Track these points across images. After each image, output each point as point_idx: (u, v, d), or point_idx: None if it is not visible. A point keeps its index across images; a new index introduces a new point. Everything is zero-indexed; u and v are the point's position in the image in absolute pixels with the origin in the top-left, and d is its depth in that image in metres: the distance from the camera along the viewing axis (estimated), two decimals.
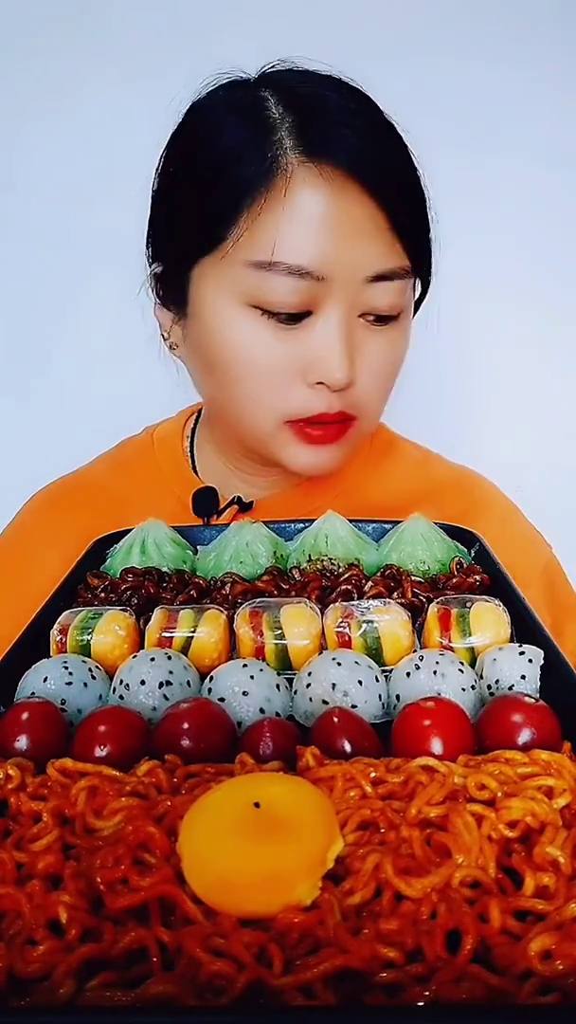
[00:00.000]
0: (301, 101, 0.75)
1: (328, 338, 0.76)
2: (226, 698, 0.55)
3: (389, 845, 0.41)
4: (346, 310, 0.76)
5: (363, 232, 0.73)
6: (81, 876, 0.40)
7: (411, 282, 0.78)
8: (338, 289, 0.74)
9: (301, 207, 0.72)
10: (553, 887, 0.39)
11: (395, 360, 0.82)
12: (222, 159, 0.76)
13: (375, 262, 0.74)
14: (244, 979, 0.34)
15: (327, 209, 0.72)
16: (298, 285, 0.73)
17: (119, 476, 1.02)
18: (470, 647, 0.61)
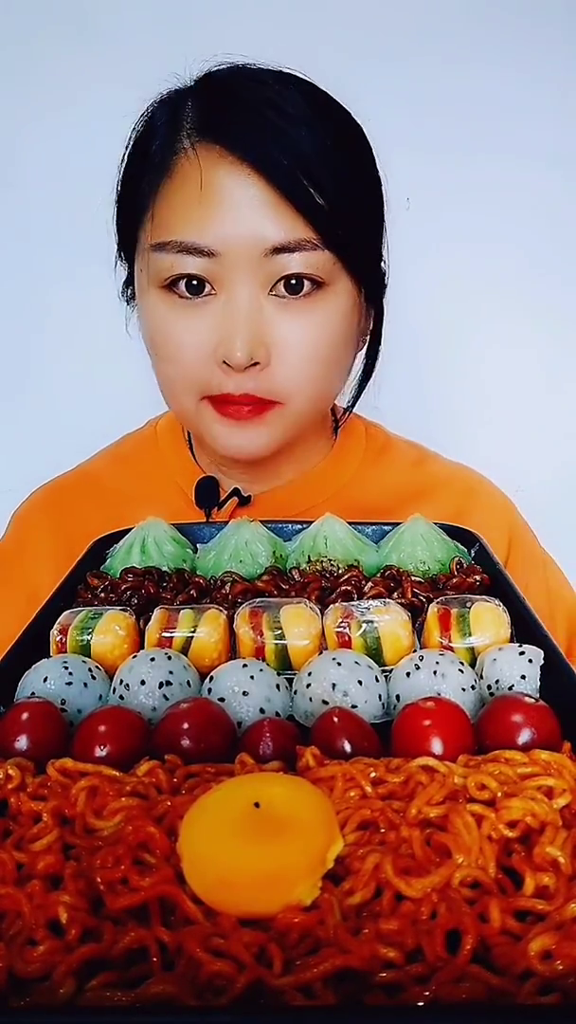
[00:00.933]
0: (210, 89, 0.79)
1: (228, 315, 0.76)
2: (226, 698, 0.55)
3: (389, 845, 0.41)
4: (250, 285, 0.76)
5: (254, 207, 0.74)
6: (81, 876, 0.40)
7: (327, 255, 0.76)
8: (236, 264, 0.75)
9: (191, 186, 0.75)
10: (553, 887, 0.39)
11: (319, 337, 0.79)
12: (141, 148, 0.80)
13: (272, 234, 0.74)
14: (244, 979, 0.34)
15: (215, 186, 0.74)
16: (192, 261, 0.76)
17: (122, 471, 1.02)
18: (470, 647, 0.61)
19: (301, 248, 0.75)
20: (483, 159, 1.45)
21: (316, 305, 0.78)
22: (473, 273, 1.49)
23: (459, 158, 1.44)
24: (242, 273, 0.76)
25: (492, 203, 1.47)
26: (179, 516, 0.86)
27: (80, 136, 1.42)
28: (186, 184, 0.76)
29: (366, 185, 0.82)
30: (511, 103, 1.46)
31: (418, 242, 1.13)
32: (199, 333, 0.78)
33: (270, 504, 0.94)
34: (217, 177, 0.74)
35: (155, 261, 0.78)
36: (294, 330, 0.78)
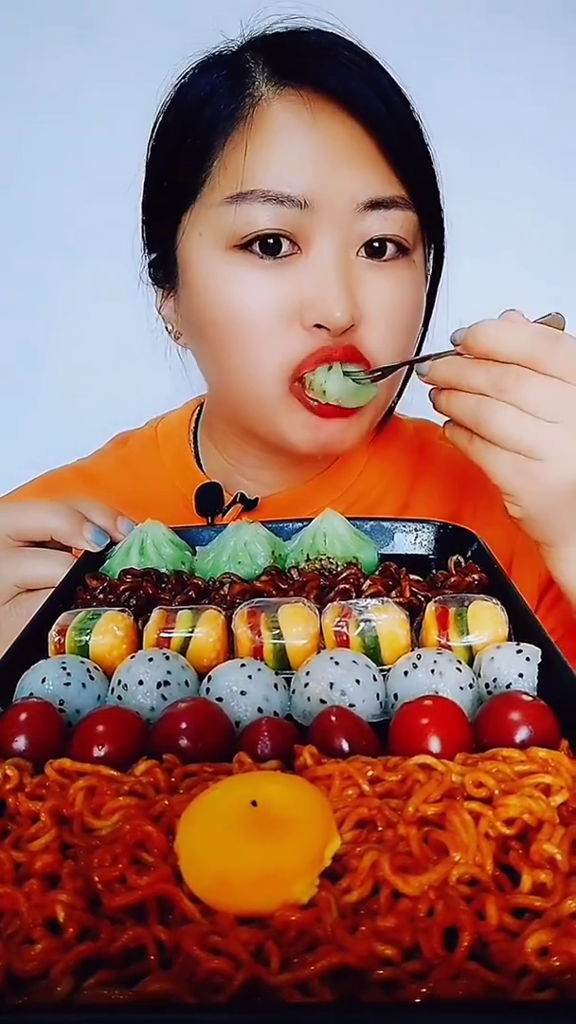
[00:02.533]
0: (275, 41, 0.73)
1: (322, 273, 0.70)
2: (224, 698, 0.55)
3: (386, 843, 0.41)
4: (340, 243, 0.70)
5: (350, 156, 0.68)
6: (79, 875, 0.40)
7: (413, 217, 0.71)
8: (327, 218, 0.69)
9: (277, 133, 0.68)
10: (550, 884, 0.39)
11: (405, 305, 0.74)
12: (195, 106, 0.73)
13: (366, 188, 0.69)
14: (241, 977, 0.34)
15: (307, 132, 0.68)
16: (278, 212, 0.68)
17: (121, 471, 0.99)
18: (468, 646, 0.61)
19: (393, 205, 0.70)
20: (483, 157, 1.46)
21: (400, 271, 0.73)
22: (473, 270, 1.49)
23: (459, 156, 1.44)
24: (330, 228, 0.69)
25: (492, 202, 1.48)
26: (179, 519, 0.85)
27: (84, 133, 1.42)
28: (270, 132, 0.68)
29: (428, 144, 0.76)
30: (512, 103, 1.46)
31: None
32: (283, 295, 0.71)
33: (277, 507, 0.91)
34: (309, 122, 0.67)
35: (229, 216, 0.69)
36: (382, 293, 0.72)
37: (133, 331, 0.90)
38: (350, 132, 0.68)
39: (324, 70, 0.68)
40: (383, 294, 0.72)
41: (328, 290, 0.69)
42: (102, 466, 1.02)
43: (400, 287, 0.73)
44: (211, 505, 0.88)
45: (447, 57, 1.43)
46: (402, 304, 0.74)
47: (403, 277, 0.74)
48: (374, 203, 0.69)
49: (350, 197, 0.68)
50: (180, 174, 0.74)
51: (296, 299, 0.71)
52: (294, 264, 0.71)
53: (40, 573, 0.71)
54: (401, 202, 0.70)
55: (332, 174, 0.68)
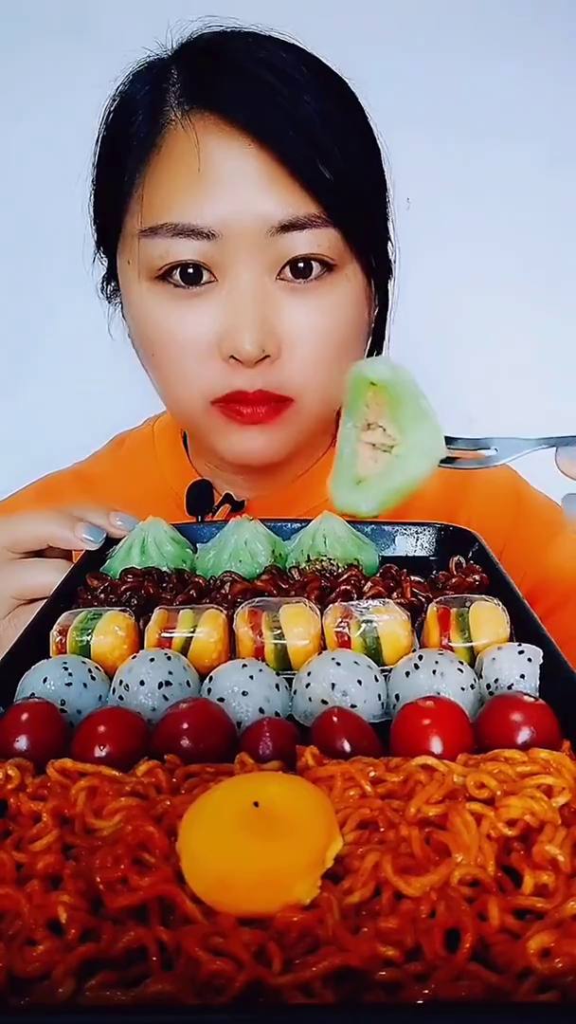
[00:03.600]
0: (192, 53, 0.71)
1: (234, 304, 0.69)
2: (225, 698, 0.55)
3: (388, 844, 0.41)
4: (255, 270, 0.69)
5: (255, 181, 0.66)
6: (80, 876, 0.40)
7: (334, 233, 0.69)
8: (240, 246, 0.67)
9: (183, 162, 0.67)
10: (552, 885, 0.39)
11: (332, 325, 0.72)
12: (119, 125, 0.72)
13: (277, 210, 0.67)
14: (243, 978, 0.34)
15: (212, 160, 0.66)
16: (190, 246, 0.67)
17: (118, 472, 1.00)
18: (469, 646, 0.61)
19: (309, 225, 0.68)
20: (482, 156, 1.45)
21: (326, 290, 0.71)
22: (472, 270, 1.49)
23: (458, 155, 1.44)
24: (245, 256, 0.68)
25: (491, 200, 1.48)
26: (174, 518, 0.83)
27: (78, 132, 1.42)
28: (177, 160, 0.67)
29: (368, 156, 0.75)
30: (509, 97, 1.46)
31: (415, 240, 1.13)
32: (200, 327, 0.71)
33: (263, 511, 0.91)
34: (212, 149, 0.67)
35: (146, 249, 0.70)
36: (305, 318, 0.71)
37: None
38: (255, 158, 0.66)
39: (230, 95, 0.67)
40: (305, 318, 0.71)
41: (239, 321, 0.68)
42: (99, 468, 1.02)
43: (324, 308, 0.72)
44: (201, 504, 0.87)
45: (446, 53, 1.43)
46: (328, 326, 0.72)
47: (329, 296, 0.72)
48: (286, 225, 0.67)
49: (262, 222, 0.67)
50: (108, 200, 0.74)
51: (212, 331, 0.71)
52: (212, 294, 0.70)
53: (37, 582, 0.71)
54: (317, 220, 0.68)
55: (241, 201, 0.67)
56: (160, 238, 0.69)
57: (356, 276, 0.73)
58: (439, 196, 1.42)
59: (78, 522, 0.73)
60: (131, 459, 1.01)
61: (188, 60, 0.71)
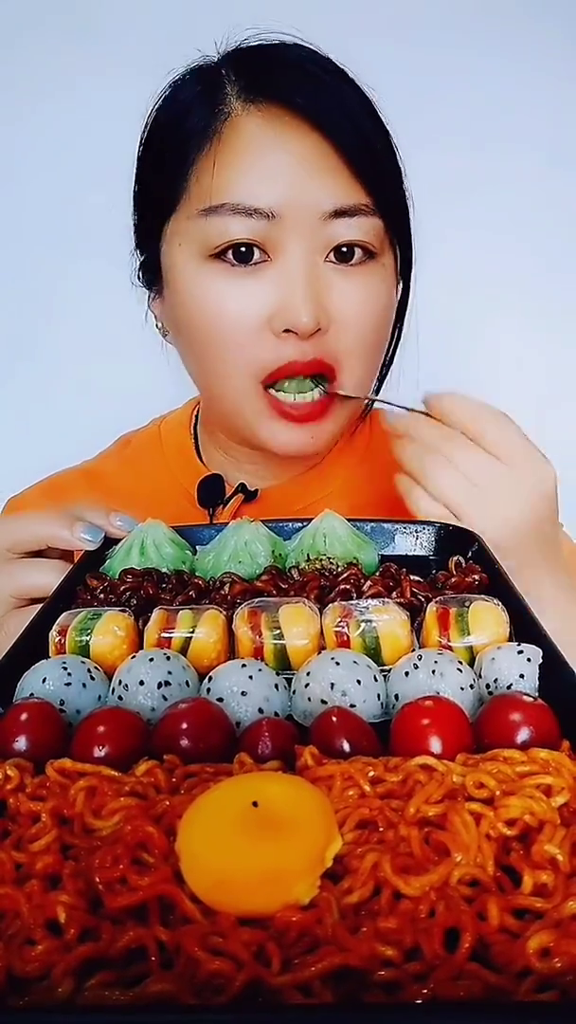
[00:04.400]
0: (247, 55, 0.76)
1: (289, 280, 0.73)
2: (225, 698, 0.55)
3: (387, 844, 0.41)
4: (307, 251, 0.73)
5: (314, 168, 0.71)
6: (80, 876, 0.40)
7: (378, 223, 0.75)
8: (294, 228, 0.72)
9: (246, 147, 0.72)
10: (551, 885, 0.39)
11: (372, 307, 0.78)
12: (174, 119, 0.77)
13: (331, 198, 0.72)
14: (242, 978, 0.34)
15: (273, 146, 0.71)
16: (248, 224, 0.72)
17: (126, 470, 1.01)
18: (469, 646, 0.61)
19: (359, 213, 0.73)
20: (484, 153, 1.45)
21: (368, 274, 0.77)
22: (474, 268, 1.49)
23: (459, 153, 1.44)
24: (300, 237, 0.73)
25: (494, 197, 1.48)
26: (183, 516, 0.86)
27: (81, 130, 1.42)
28: (240, 146, 0.72)
29: (396, 155, 0.80)
30: (511, 95, 1.46)
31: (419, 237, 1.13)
32: (255, 302, 0.75)
33: (276, 498, 0.92)
34: (275, 137, 0.71)
35: (202, 228, 0.74)
36: (350, 297, 0.76)
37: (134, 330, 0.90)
38: (315, 145, 0.71)
39: (291, 86, 0.72)
40: (351, 298, 0.76)
41: (295, 297, 0.73)
42: (106, 466, 1.04)
43: (367, 290, 0.77)
44: (213, 497, 0.90)
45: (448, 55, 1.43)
46: (370, 306, 0.77)
47: (371, 280, 0.77)
48: (339, 211, 0.73)
49: (316, 207, 0.72)
50: (160, 187, 0.78)
51: (266, 306, 0.75)
52: (265, 271, 0.74)
53: (34, 582, 0.72)
54: (366, 209, 0.73)
55: (298, 186, 0.71)
56: (220, 216, 0.73)
57: (390, 266, 0.79)
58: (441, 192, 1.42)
59: (77, 522, 0.73)
60: (138, 457, 1.03)
61: (242, 60, 0.76)
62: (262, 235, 0.73)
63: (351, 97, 0.74)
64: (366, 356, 0.80)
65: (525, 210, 1.48)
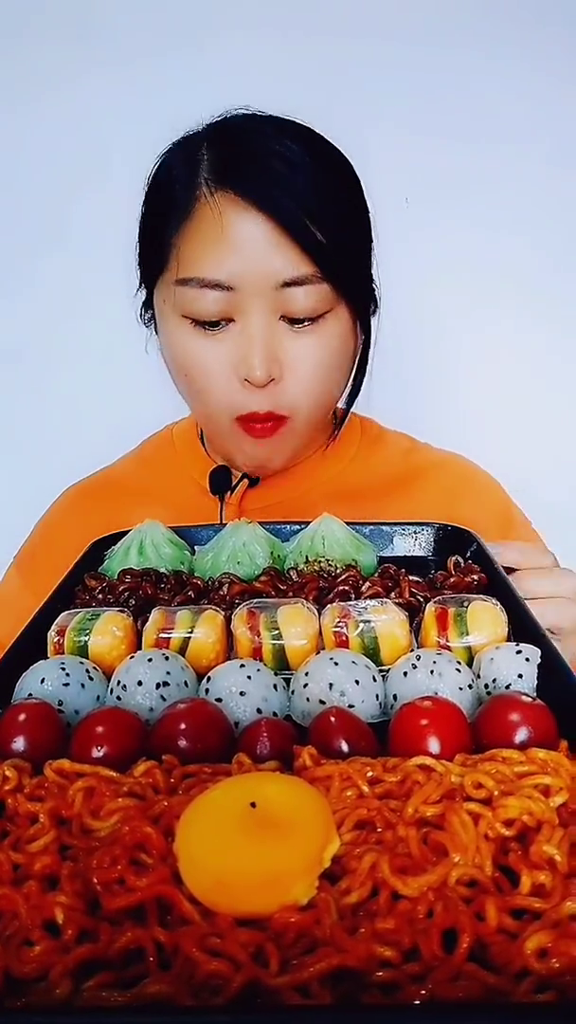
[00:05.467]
0: (222, 137, 0.88)
1: (247, 339, 0.86)
2: (223, 698, 0.55)
3: (386, 844, 0.41)
4: (263, 313, 0.85)
5: (265, 246, 0.83)
6: (78, 877, 0.40)
7: (326, 287, 0.85)
8: (252, 296, 0.84)
9: (209, 228, 0.84)
10: (549, 885, 0.39)
11: (321, 359, 0.89)
12: (162, 191, 0.89)
13: (282, 270, 0.83)
14: (240, 979, 0.34)
15: (232, 227, 0.83)
16: (213, 295, 0.85)
17: (142, 472, 1.13)
18: (467, 646, 0.61)
19: (307, 282, 0.84)
20: (479, 153, 1.45)
21: (319, 329, 0.88)
22: (469, 267, 1.49)
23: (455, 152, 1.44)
24: (257, 303, 0.84)
25: (488, 196, 1.47)
26: (193, 505, 0.98)
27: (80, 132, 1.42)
28: (205, 226, 0.84)
29: (358, 221, 0.91)
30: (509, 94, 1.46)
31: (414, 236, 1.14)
32: (222, 356, 0.87)
33: (274, 487, 1.02)
34: (232, 220, 0.83)
35: (179, 294, 0.86)
36: (302, 350, 0.87)
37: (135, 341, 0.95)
38: (265, 227, 0.83)
39: (247, 178, 0.84)
40: (301, 354, 0.88)
41: (251, 354, 0.85)
42: (124, 467, 1.15)
43: (316, 346, 0.88)
44: (223, 485, 1.01)
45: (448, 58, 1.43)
46: (318, 359, 0.89)
47: (320, 336, 0.89)
48: (289, 282, 0.84)
49: (270, 278, 0.83)
50: (152, 252, 0.91)
51: (231, 360, 0.87)
52: (229, 331, 0.87)
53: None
54: (313, 278, 0.84)
55: (252, 262, 0.83)
56: (191, 288, 0.85)
57: (343, 316, 0.90)
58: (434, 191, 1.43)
59: None
60: (153, 457, 1.14)
61: (215, 142, 0.87)
62: (224, 303, 0.85)
63: (301, 179, 0.85)
64: (319, 396, 0.91)
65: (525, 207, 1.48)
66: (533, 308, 1.54)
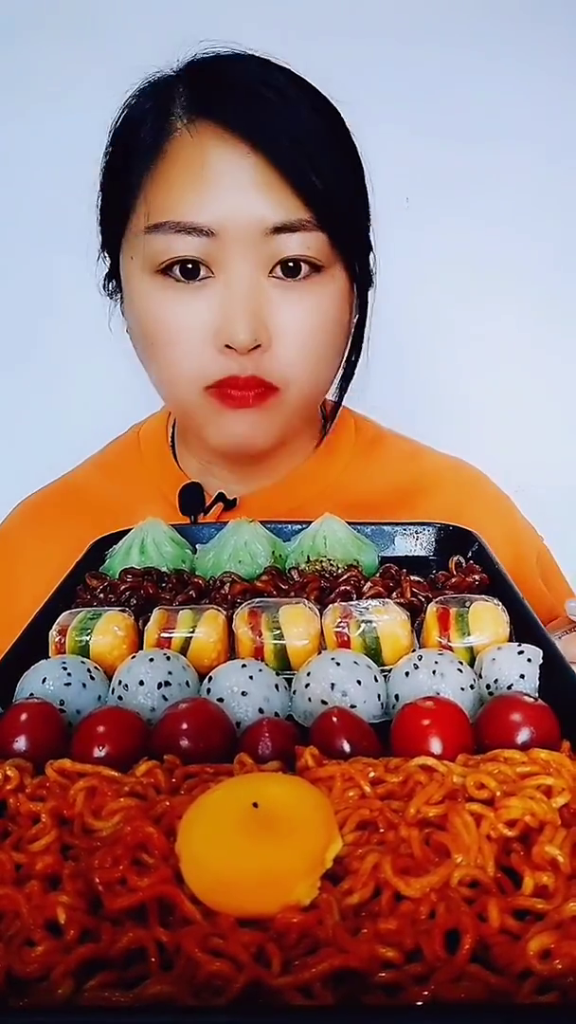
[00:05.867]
0: (197, 71, 0.77)
1: (230, 297, 0.74)
2: (225, 698, 0.55)
3: (388, 845, 0.41)
4: (250, 267, 0.74)
5: (253, 186, 0.72)
6: (79, 876, 0.40)
7: (322, 237, 0.75)
8: (236, 245, 0.73)
9: (187, 166, 0.72)
10: (552, 886, 0.39)
11: (317, 322, 0.78)
12: (127, 134, 0.78)
13: (271, 214, 0.72)
14: (242, 979, 0.34)
15: (213, 165, 0.72)
16: (190, 242, 0.73)
17: (106, 480, 1.00)
18: (469, 646, 0.61)
19: (300, 228, 0.74)
20: (477, 152, 1.45)
21: (314, 289, 0.77)
22: (468, 267, 1.49)
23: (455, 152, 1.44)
24: (241, 253, 0.73)
25: (488, 196, 1.47)
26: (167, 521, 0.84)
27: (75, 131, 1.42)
28: (181, 165, 0.73)
29: (353, 169, 0.81)
30: (508, 92, 1.45)
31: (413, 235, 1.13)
32: (198, 317, 0.76)
33: (257, 506, 0.92)
34: (215, 156, 0.72)
35: (150, 244, 0.75)
36: (293, 313, 0.76)
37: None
38: (253, 164, 0.72)
39: (230, 106, 0.73)
40: (294, 314, 0.76)
41: (234, 313, 0.74)
42: (85, 477, 1.02)
43: (311, 305, 0.77)
44: (194, 505, 0.89)
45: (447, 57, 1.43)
46: (314, 321, 0.77)
47: (316, 294, 0.77)
48: (279, 227, 0.73)
49: (256, 223, 0.73)
50: (115, 200, 0.80)
51: (208, 322, 0.76)
52: (208, 287, 0.75)
53: None
54: (308, 224, 0.74)
55: (237, 203, 0.72)
56: (163, 234, 0.74)
57: (340, 279, 0.79)
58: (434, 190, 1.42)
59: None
60: (117, 465, 1.01)
61: (193, 76, 0.77)
62: (205, 252, 0.74)
63: (293, 114, 0.74)
64: (313, 370, 0.80)
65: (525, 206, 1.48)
66: (533, 308, 1.54)
